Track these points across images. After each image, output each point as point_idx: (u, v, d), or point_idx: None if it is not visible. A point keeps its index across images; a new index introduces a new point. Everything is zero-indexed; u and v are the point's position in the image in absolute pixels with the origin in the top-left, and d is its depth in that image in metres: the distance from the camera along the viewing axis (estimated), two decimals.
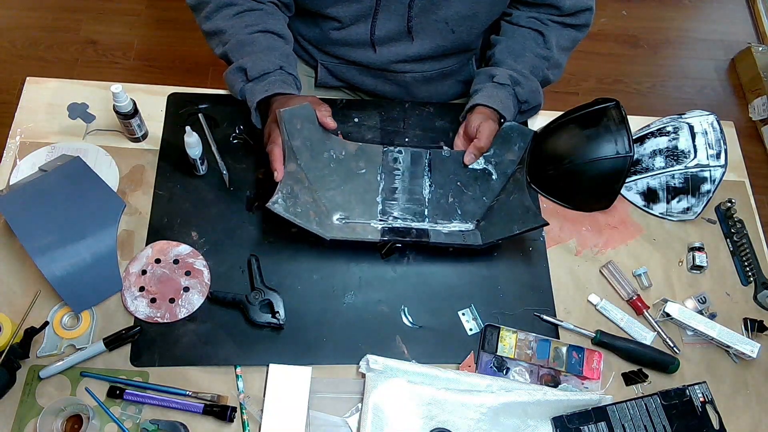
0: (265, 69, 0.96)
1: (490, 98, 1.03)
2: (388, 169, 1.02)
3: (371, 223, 0.98)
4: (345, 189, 1.00)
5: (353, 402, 0.89)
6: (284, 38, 1.02)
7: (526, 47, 1.07)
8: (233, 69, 0.98)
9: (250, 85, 0.97)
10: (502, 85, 1.04)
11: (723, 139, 1.05)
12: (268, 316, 0.91)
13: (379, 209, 1.00)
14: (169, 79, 2.04)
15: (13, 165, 1.00)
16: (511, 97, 1.04)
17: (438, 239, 0.97)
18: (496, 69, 1.06)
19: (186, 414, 0.85)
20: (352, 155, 1.01)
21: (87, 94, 1.07)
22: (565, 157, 1.02)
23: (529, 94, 1.04)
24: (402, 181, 1.02)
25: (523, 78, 1.04)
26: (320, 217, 0.95)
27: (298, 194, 0.93)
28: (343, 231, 0.96)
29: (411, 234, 0.97)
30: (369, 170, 1.02)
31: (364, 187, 1.01)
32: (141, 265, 0.94)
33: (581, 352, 0.95)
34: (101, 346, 0.87)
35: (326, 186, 0.99)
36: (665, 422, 0.90)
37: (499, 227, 0.96)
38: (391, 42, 1.05)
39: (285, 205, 0.90)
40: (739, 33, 2.54)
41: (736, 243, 1.08)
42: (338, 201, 0.99)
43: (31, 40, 2.13)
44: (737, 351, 0.97)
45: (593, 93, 2.31)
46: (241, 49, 0.98)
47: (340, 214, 0.98)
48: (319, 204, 0.97)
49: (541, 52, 1.07)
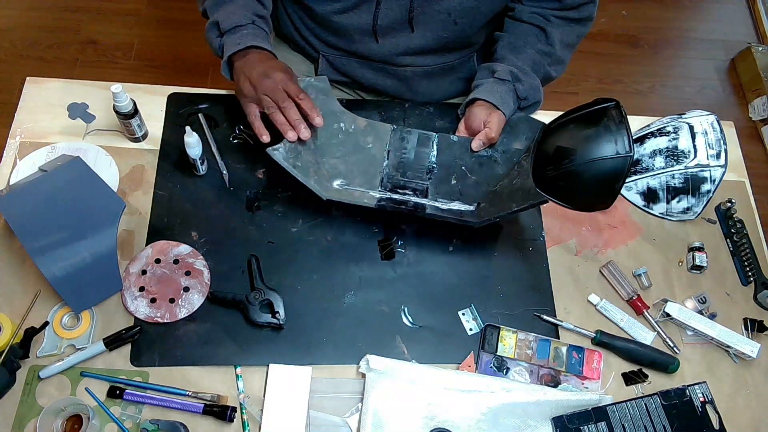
0: (238, 22, 0.96)
1: (490, 93, 1.03)
2: (396, 147, 1.03)
3: (370, 192, 0.99)
4: (349, 159, 1.00)
5: (353, 402, 0.89)
6: (262, 4, 1.02)
7: (527, 43, 1.07)
8: (209, 25, 0.99)
9: (224, 38, 0.97)
10: (502, 80, 1.04)
11: (723, 139, 1.05)
12: (268, 316, 0.91)
13: (379, 181, 1.00)
14: (169, 79, 2.03)
15: (13, 165, 1.00)
16: (510, 93, 1.04)
17: (434, 212, 0.97)
18: (497, 65, 1.06)
19: (186, 414, 0.85)
20: (361, 130, 1.02)
21: (87, 94, 1.07)
22: (565, 157, 1.01)
23: (528, 90, 1.04)
24: (407, 159, 1.02)
25: (523, 74, 1.04)
26: (320, 178, 0.95)
27: (301, 153, 0.93)
28: (341, 194, 0.96)
29: (407, 204, 0.98)
30: (376, 146, 1.02)
31: (368, 161, 1.01)
32: (141, 265, 0.94)
33: (581, 352, 0.95)
34: (101, 346, 0.87)
35: (331, 153, 0.99)
36: (665, 422, 0.90)
37: (498, 208, 0.96)
38: (393, 32, 1.05)
39: (286, 155, 0.90)
40: (739, 33, 2.54)
41: (736, 243, 1.08)
42: (341, 169, 0.99)
43: (31, 40, 2.13)
44: (737, 351, 0.97)
45: (593, 93, 2.31)
46: (218, 6, 0.99)
47: (341, 181, 0.99)
48: (321, 168, 0.97)
49: (542, 48, 1.07)
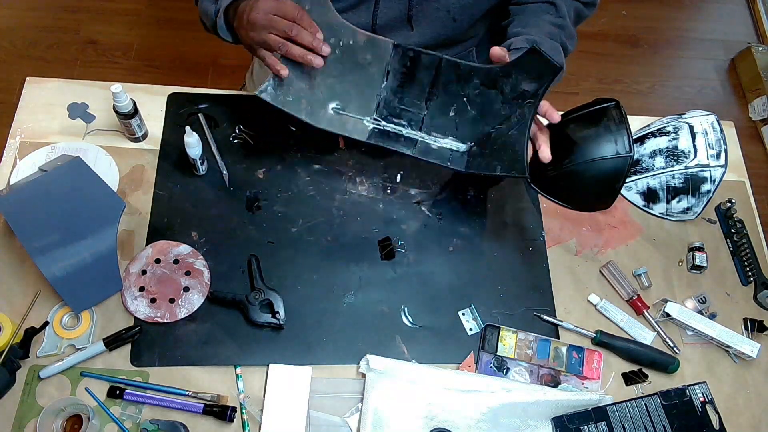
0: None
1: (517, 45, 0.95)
2: (396, 68, 0.95)
3: (364, 120, 0.95)
4: (346, 79, 0.95)
5: (353, 402, 0.89)
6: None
7: (538, 17, 1.02)
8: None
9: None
10: (519, 48, 0.96)
11: (723, 139, 1.05)
12: (268, 316, 0.91)
13: (375, 105, 0.96)
14: (169, 79, 2.04)
15: (13, 165, 1.00)
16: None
17: (422, 156, 0.93)
18: (512, 39, 0.99)
19: (186, 414, 0.85)
20: (360, 46, 0.94)
21: (87, 94, 1.07)
22: (565, 157, 1.02)
23: (551, 51, 0.94)
24: (407, 82, 0.96)
25: (541, 39, 0.98)
26: (313, 107, 0.93)
27: (293, 80, 0.90)
28: (333, 124, 0.93)
29: (399, 141, 0.94)
30: (375, 64, 0.95)
31: (366, 81, 0.95)
32: (141, 265, 0.94)
33: (581, 352, 0.95)
34: (101, 346, 0.87)
35: (328, 72, 0.93)
36: (665, 422, 0.90)
37: (486, 160, 0.93)
38: (392, 31, 1.04)
39: (274, 94, 0.88)
40: (739, 33, 2.54)
41: (736, 243, 1.08)
42: (337, 90, 0.94)
43: (31, 40, 2.13)
44: (737, 351, 0.97)
45: (593, 93, 2.31)
46: None
47: (336, 104, 0.94)
48: (315, 91, 0.93)
49: (555, 21, 1.03)
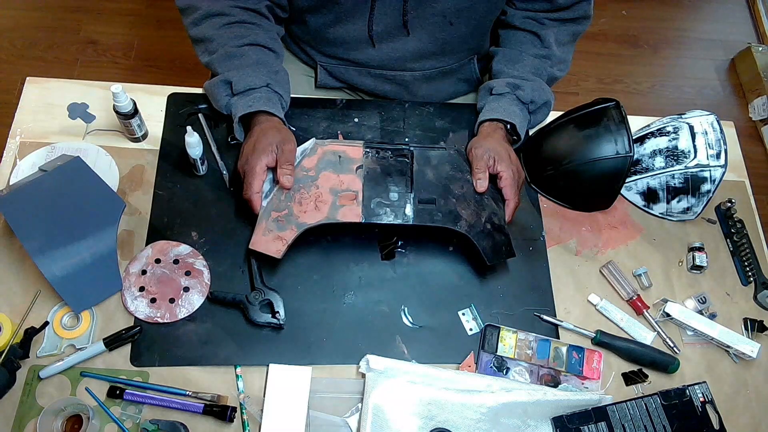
0: (252, 84, 0.96)
1: (492, 111, 1.04)
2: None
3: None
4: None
5: (353, 402, 0.89)
6: (275, 52, 1.01)
7: (522, 51, 1.07)
8: (218, 81, 0.98)
9: (235, 99, 0.97)
10: (501, 95, 1.04)
11: (723, 139, 1.05)
12: (268, 316, 0.91)
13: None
14: (169, 79, 2.03)
15: (13, 165, 1.00)
16: (513, 102, 1.03)
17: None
18: (494, 81, 1.07)
19: (186, 414, 0.85)
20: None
21: (87, 94, 1.07)
22: (565, 157, 1.02)
23: (532, 93, 1.04)
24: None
25: (523, 81, 1.04)
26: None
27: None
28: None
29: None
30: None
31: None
32: (141, 265, 0.93)
33: (581, 352, 0.95)
34: (101, 346, 0.87)
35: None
36: (665, 422, 0.90)
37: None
38: (389, 37, 1.05)
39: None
40: (739, 33, 2.54)
41: (736, 243, 1.08)
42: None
43: (31, 40, 2.13)
44: (737, 351, 0.97)
45: (593, 93, 2.31)
46: (228, 62, 0.97)
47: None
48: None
49: (540, 53, 1.07)
